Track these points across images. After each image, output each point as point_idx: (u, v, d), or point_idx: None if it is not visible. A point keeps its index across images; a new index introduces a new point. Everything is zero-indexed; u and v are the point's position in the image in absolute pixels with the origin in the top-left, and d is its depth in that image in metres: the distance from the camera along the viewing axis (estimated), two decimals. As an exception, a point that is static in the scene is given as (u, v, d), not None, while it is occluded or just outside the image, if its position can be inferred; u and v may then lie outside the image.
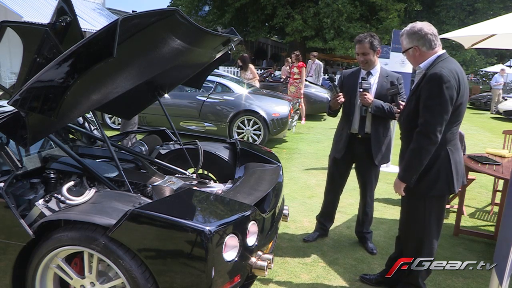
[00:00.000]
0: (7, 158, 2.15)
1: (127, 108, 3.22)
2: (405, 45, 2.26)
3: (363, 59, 2.99)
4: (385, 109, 2.94)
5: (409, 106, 2.28)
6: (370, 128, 3.03)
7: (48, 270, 2.01)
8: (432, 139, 2.10)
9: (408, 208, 2.41)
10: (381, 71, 3.06)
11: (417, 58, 2.25)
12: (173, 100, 6.92)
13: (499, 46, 5.21)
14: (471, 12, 20.66)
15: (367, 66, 3.03)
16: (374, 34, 3.01)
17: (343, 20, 17.85)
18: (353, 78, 3.09)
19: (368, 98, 2.91)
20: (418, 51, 2.21)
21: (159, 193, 2.39)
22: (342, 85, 3.14)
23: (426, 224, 2.32)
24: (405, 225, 2.47)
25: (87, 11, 14.85)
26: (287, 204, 3.11)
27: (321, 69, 11.31)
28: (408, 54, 2.28)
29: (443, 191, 2.25)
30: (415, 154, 2.16)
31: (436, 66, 2.13)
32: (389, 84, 2.94)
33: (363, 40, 2.95)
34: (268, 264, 2.06)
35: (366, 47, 2.94)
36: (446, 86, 2.04)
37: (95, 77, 1.88)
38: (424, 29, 2.19)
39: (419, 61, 2.25)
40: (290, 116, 6.79)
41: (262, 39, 30.23)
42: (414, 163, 2.17)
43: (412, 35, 2.21)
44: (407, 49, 2.26)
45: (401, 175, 2.25)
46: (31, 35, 2.42)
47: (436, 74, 2.06)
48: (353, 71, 3.14)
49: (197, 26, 2.05)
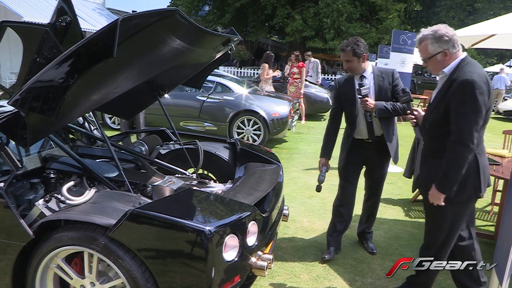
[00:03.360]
0: (7, 158, 2.15)
1: (127, 108, 3.22)
2: (432, 50, 2.16)
3: (347, 66, 2.94)
4: (389, 109, 2.87)
5: (436, 113, 2.19)
6: (381, 130, 2.96)
7: (48, 270, 2.01)
8: (469, 147, 2.04)
9: (433, 214, 2.32)
10: (374, 71, 2.98)
11: (443, 62, 2.16)
12: (173, 100, 6.92)
13: (499, 46, 5.22)
14: (471, 12, 20.68)
15: (354, 72, 2.95)
16: (359, 39, 2.92)
17: (343, 20, 17.86)
18: (348, 85, 2.99)
19: (370, 104, 2.84)
20: (448, 55, 2.14)
21: (159, 193, 2.39)
22: (339, 94, 3.04)
23: (451, 230, 2.27)
24: (430, 230, 2.40)
25: (87, 11, 14.84)
26: (287, 204, 3.11)
27: (318, 66, 11.27)
28: (435, 60, 2.18)
29: (471, 196, 2.20)
30: (453, 164, 2.08)
31: (463, 71, 2.07)
32: (385, 82, 2.92)
33: (345, 49, 2.87)
34: (268, 264, 2.06)
35: (349, 54, 2.86)
36: (479, 92, 2.00)
37: (95, 77, 1.88)
38: (449, 31, 2.13)
39: (444, 66, 2.17)
40: (290, 116, 6.79)
41: (262, 39, 30.23)
42: (454, 173, 2.09)
43: (439, 39, 2.13)
44: (434, 55, 2.16)
45: (441, 186, 2.14)
46: (31, 35, 2.42)
47: (468, 81, 2.01)
48: (347, 78, 3.04)
49: (197, 26, 2.05)
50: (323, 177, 2.97)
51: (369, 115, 2.92)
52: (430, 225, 2.41)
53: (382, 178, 3.21)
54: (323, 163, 3.05)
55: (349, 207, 3.20)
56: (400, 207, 4.35)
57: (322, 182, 2.96)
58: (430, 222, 2.41)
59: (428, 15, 22.73)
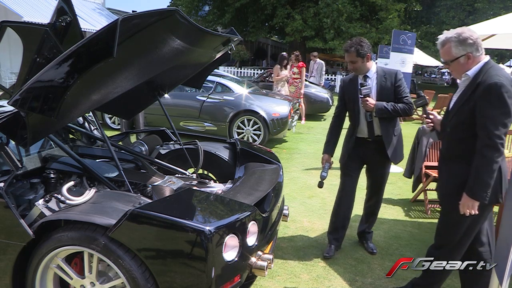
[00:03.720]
0: (7, 158, 2.15)
1: (127, 108, 3.22)
2: (455, 53, 2.14)
3: (352, 67, 2.97)
4: (389, 110, 2.89)
5: (460, 117, 2.17)
6: (380, 130, 2.99)
7: (48, 270, 2.01)
8: (499, 150, 2.02)
9: (450, 217, 2.29)
10: (378, 71, 3.00)
11: (466, 65, 2.15)
12: (173, 100, 6.92)
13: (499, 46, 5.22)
14: (471, 12, 20.68)
15: (359, 72, 2.99)
16: (362, 40, 2.94)
17: (343, 20, 17.84)
18: (352, 85, 3.05)
19: (369, 104, 2.87)
20: (471, 58, 2.13)
21: (159, 193, 2.39)
22: (343, 93, 3.10)
23: (467, 233, 2.26)
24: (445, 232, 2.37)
25: (87, 11, 14.84)
26: (287, 204, 3.11)
27: (323, 68, 11.28)
28: (457, 63, 2.16)
29: (491, 201, 2.17)
30: (485, 168, 2.04)
31: (489, 75, 2.06)
32: (388, 82, 2.94)
33: (349, 50, 2.90)
34: (268, 264, 2.06)
35: (353, 55, 2.90)
36: (508, 96, 1.99)
37: (95, 77, 1.88)
38: (473, 34, 2.12)
39: (467, 69, 2.15)
40: (290, 116, 6.79)
41: (262, 39, 30.22)
42: (486, 178, 2.05)
43: (463, 42, 2.10)
44: (457, 58, 2.14)
45: (474, 193, 2.09)
46: (31, 35, 2.42)
47: (497, 84, 2.00)
48: (351, 78, 3.09)
49: (197, 26, 2.05)
50: (325, 173, 3.00)
51: (369, 114, 2.96)
52: (444, 228, 2.37)
53: (383, 178, 3.21)
54: (326, 159, 3.09)
55: (349, 205, 3.22)
56: (400, 207, 4.35)
57: (324, 178, 2.99)
58: (445, 224, 2.36)
59: (428, 15, 22.73)
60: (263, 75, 11.88)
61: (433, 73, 36.80)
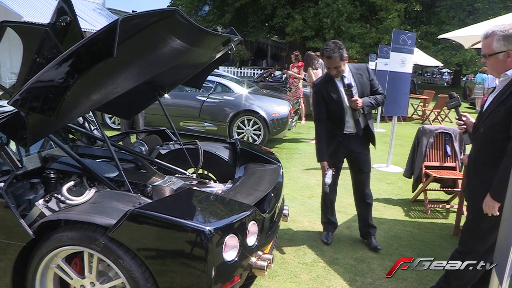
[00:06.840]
0: (7, 158, 2.15)
1: (127, 108, 3.22)
2: (495, 48, 2.05)
3: (335, 72, 2.98)
4: (374, 104, 3.05)
5: (495, 117, 2.08)
6: (363, 122, 3.12)
7: (48, 270, 2.01)
8: None
9: (473, 220, 2.25)
10: (351, 70, 3.07)
11: (504, 63, 2.07)
12: (173, 100, 6.92)
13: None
14: (471, 12, 20.67)
15: (340, 75, 3.01)
16: (339, 43, 2.95)
17: (343, 20, 17.83)
18: (331, 86, 3.03)
19: (359, 103, 2.95)
20: (511, 56, 2.04)
21: (159, 193, 2.39)
22: (323, 97, 3.05)
23: (486, 236, 2.21)
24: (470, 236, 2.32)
25: (87, 11, 14.85)
26: (287, 204, 3.11)
27: (323, 68, 11.27)
28: (496, 58, 2.07)
29: None
30: None
31: None
32: (364, 78, 3.06)
33: (332, 56, 2.88)
34: (268, 264, 2.06)
35: (337, 60, 2.90)
36: None
37: (95, 77, 1.88)
38: None
39: (505, 67, 2.08)
40: (290, 116, 6.79)
41: (262, 39, 30.21)
42: None
43: (507, 38, 2.01)
44: (496, 53, 2.05)
45: (496, 194, 2.01)
46: (31, 35, 2.42)
47: None
48: (326, 79, 3.08)
49: (197, 26, 2.05)
50: (329, 179, 3.02)
51: (357, 113, 3.03)
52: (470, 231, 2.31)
53: (368, 169, 3.24)
54: (327, 166, 3.09)
55: (333, 193, 3.37)
56: (400, 207, 4.35)
57: (329, 184, 3.02)
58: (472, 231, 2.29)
59: (428, 15, 22.73)
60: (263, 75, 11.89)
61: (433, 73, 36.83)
